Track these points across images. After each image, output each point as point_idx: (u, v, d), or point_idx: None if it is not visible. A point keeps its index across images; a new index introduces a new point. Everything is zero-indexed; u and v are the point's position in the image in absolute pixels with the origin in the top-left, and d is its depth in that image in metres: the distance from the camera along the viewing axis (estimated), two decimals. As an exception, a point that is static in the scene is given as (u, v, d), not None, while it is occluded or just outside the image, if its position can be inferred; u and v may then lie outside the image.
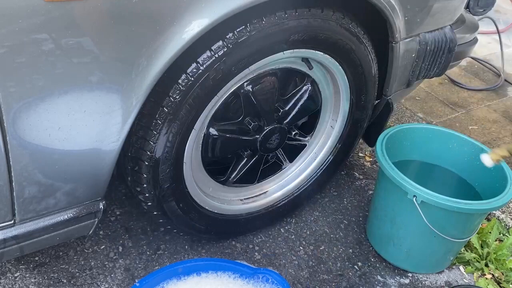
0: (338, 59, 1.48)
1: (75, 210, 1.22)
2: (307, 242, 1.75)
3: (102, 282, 1.50)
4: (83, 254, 1.58)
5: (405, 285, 1.66)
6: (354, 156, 2.23)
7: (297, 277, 1.62)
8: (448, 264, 1.74)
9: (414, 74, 1.68)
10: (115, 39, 1.00)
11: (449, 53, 1.71)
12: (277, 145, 1.58)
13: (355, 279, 1.65)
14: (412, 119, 2.62)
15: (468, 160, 1.73)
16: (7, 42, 0.88)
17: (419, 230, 1.55)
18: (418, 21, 1.54)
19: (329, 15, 1.34)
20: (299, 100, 1.58)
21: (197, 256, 1.64)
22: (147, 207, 1.42)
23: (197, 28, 1.08)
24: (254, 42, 1.23)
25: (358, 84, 1.59)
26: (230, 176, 1.61)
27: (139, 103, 1.12)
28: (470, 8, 1.96)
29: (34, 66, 0.93)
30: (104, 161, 1.17)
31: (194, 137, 1.36)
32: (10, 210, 1.11)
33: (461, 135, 1.76)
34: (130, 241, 1.65)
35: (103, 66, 1.01)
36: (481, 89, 3.01)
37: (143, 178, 1.31)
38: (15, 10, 0.86)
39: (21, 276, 1.48)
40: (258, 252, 1.69)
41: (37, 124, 1.00)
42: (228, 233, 1.69)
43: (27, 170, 1.06)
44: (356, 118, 1.70)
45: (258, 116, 1.49)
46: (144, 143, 1.26)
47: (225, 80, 1.27)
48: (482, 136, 2.56)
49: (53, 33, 0.91)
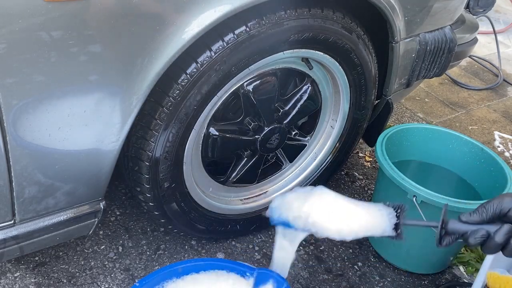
0: (338, 59, 1.48)
1: (75, 210, 1.22)
2: (307, 242, 1.75)
3: (102, 282, 1.50)
4: (83, 254, 1.58)
5: (405, 285, 1.66)
6: (354, 156, 2.23)
7: (297, 277, 1.62)
8: (448, 264, 1.74)
9: (414, 74, 1.68)
10: (115, 39, 1.00)
11: (449, 53, 1.71)
12: (277, 145, 1.58)
13: (355, 279, 1.65)
14: (412, 119, 2.62)
15: (468, 160, 1.73)
16: (7, 42, 0.88)
17: (419, 230, 1.55)
18: (418, 21, 1.54)
19: (329, 15, 1.34)
20: (299, 100, 1.57)
21: (197, 256, 1.64)
22: (147, 207, 1.42)
23: (197, 28, 1.08)
24: (254, 42, 1.23)
25: (358, 84, 1.59)
26: (230, 176, 1.61)
27: (139, 103, 1.12)
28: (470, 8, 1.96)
29: (34, 66, 0.93)
30: (104, 161, 1.17)
31: (194, 137, 1.36)
32: (10, 210, 1.11)
33: (461, 135, 1.76)
34: (130, 241, 1.65)
35: (103, 66, 1.01)
36: (481, 89, 3.01)
37: (143, 178, 1.31)
38: (15, 10, 0.86)
39: (21, 276, 1.48)
40: (258, 252, 1.69)
41: (37, 124, 1.00)
42: (228, 233, 1.69)
43: (27, 170, 1.06)
44: (356, 118, 1.70)
45: (258, 116, 1.49)
46: (144, 143, 1.26)
47: (225, 80, 1.27)
48: (482, 136, 2.56)
49: (53, 33, 0.91)
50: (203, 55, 1.19)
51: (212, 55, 1.19)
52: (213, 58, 1.19)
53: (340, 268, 1.68)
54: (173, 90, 1.20)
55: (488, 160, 1.66)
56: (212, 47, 1.19)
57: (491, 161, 1.65)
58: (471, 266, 1.74)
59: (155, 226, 1.71)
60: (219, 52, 1.19)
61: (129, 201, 1.80)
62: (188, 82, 1.20)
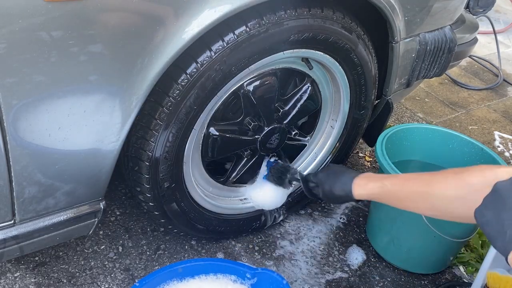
0: (338, 59, 1.48)
1: (75, 210, 1.22)
2: (307, 242, 1.75)
3: (102, 282, 1.50)
4: (83, 254, 1.58)
5: (405, 285, 1.66)
6: (354, 156, 2.23)
7: (297, 277, 1.62)
8: (448, 264, 1.74)
9: (414, 74, 1.68)
10: (115, 39, 1.00)
11: (449, 53, 1.71)
12: (277, 145, 1.58)
13: (355, 279, 1.65)
14: (412, 119, 2.62)
15: (468, 160, 1.73)
16: (7, 42, 0.88)
17: (419, 230, 1.55)
18: (418, 21, 1.54)
19: (329, 15, 1.34)
20: (299, 100, 1.57)
21: (197, 256, 1.64)
22: (147, 207, 1.42)
23: (197, 28, 1.08)
24: (254, 42, 1.23)
25: (358, 84, 1.59)
26: (230, 176, 1.61)
27: (139, 103, 1.12)
28: (470, 8, 1.96)
29: (34, 66, 0.93)
30: (104, 161, 1.17)
31: (194, 137, 1.36)
32: (10, 210, 1.11)
33: (461, 135, 1.76)
34: (130, 241, 1.65)
35: (103, 66, 1.01)
36: (481, 89, 3.01)
37: (143, 178, 1.31)
38: (15, 10, 0.86)
39: (21, 276, 1.48)
40: (258, 252, 1.69)
41: (37, 124, 1.00)
42: (228, 233, 1.69)
43: (27, 170, 1.06)
44: (356, 118, 1.70)
45: (258, 116, 1.49)
46: (144, 143, 1.26)
47: (225, 80, 1.27)
48: (482, 136, 2.56)
49: (53, 33, 0.91)
50: (203, 55, 1.19)
51: (212, 55, 1.19)
52: (213, 58, 1.19)
53: (340, 268, 1.68)
54: (173, 90, 1.20)
55: (488, 160, 1.66)
56: (212, 47, 1.19)
57: (491, 161, 1.65)
58: (471, 266, 1.74)
59: (155, 226, 1.71)
60: (219, 52, 1.19)
61: (129, 201, 1.80)
62: (188, 82, 1.20)
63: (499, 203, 0.82)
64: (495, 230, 0.81)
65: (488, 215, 0.83)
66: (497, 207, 0.82)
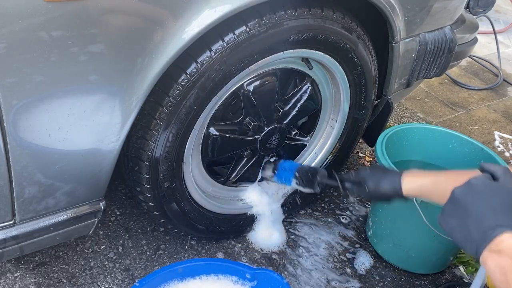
0: (338, 59, 1.48)
1: (75, 210, 1.22)
2: (307, 242, 1.75)
3: (102, 282, 1.50)
4: (83, 254, 1.58)
5: (405, 285, 1.66)
6: (354, 156, 2.23)
7: (297, 277, 1.62)
8: (448, 264, 1.74)
9: (414, 74, 1.68)
10: (115, 39, 1.00)
11: (449, 53, 1.71)
12: (277, 145, 1.58)
13: (355, 279, 1.65)
14: (412, 119, 2.62)
15: (468, 160, 1.73)
16: (7, 42, 0.88)
17: (419, 230, 1.55)
18: (418, 21, 1.54)
19: (329, 15, 1.34)
20: (299, 100, 1.57)
21: (197, 256, 1.64)
22: (147, 207, 1.42)
23: (197, 28, 1.08)
24: (254, 42, 1.23)
25: (358, 84, 1.59)
26: (230, 176, 1.61)
27: (139, 103, 1.12)
28: (470, 8, 1.96)
29: (34, 66, 0.93)
30: (104, 161, 1.17)
31: (194, 137, 1.36)
32: (10, 210, 1.11)
33: (461, 135, 1.76)
34: (130, 241, 1.65)
35: (103, 66, 1.01)
36: (481, 89, 3.01)
37: (143, 178, 1.31)
38: (15, 10, 0.86)
39: (21, 276, 1.48)
40: (258, 252, 1.69)
41: (37, 124, 1.00)
42: (228, 233, 1.69)
43: (27, 170, 1.06)
44: (356, 118, 1.70)
45: (258, 116, 1.49)
46: (144, 143, 1.26)
47: (225, 80, 1.27)
48: (482, 136, 2.56)
49: (53, 33, 0.91)
50: (203, 55, 1.19)
51: (212, 55, 1.19)
52: (213, 58, 1.19)
53: (340, 268, 1.68)
54: (173, 90, 1.20)
55: (488, 160, 1.66)
56: (212, 47, 1.19)
57: (491, 161, 1.65)
58: (471, 266, 1.74)
59: (155, 226, 1.71)
60: (219, 52, 1.19)
61: (129, 201, 1.80)
62: (188, 82, 1.20)
63: (460, 210, 0.84)
64: (463, 236, 0.84)
65: (453, 223, 0.85)
66: (460, 214, 0.84)
